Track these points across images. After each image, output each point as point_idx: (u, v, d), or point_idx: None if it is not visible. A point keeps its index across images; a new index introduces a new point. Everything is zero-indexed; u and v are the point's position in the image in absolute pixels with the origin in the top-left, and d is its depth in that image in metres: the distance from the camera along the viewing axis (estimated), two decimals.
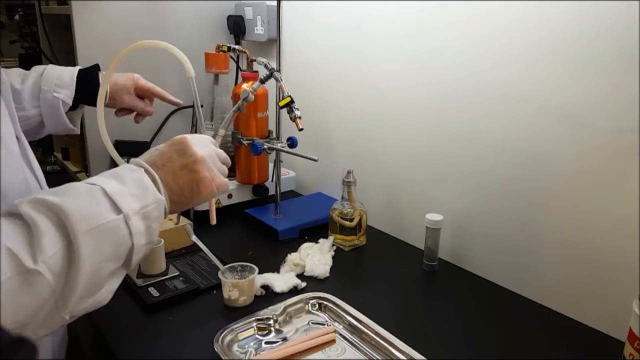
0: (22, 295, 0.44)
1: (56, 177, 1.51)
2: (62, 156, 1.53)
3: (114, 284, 0.54)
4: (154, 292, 0.83)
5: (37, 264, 0.45)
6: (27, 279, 0.44)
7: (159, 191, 0.58)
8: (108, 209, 0.51)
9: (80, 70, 0.93)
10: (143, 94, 0.97)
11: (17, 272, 0.44)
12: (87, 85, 0.91)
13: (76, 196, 0.50)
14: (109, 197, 0.52)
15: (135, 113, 0.97)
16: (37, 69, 0.91)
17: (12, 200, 0.53)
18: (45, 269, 0.45)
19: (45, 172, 1.55)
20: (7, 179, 0.55)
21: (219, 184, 0.64)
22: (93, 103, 0.92)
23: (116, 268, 0.53)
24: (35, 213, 0.47)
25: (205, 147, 0.65)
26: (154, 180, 0.58)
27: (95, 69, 0.94)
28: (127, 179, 0.55)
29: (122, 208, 0.52)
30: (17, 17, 1.78)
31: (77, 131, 0.97)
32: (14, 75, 0.89)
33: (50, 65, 0.92)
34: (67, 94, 0.89)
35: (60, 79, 0.89)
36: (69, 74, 0.91)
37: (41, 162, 1.54)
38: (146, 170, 0.58)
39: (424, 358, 0.67)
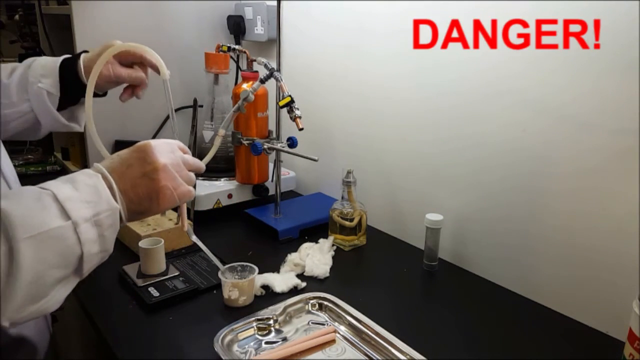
0: None
1: (56, 177, 1.51)
2: (62, 156, 1.53)
3: (62, 292, 0.52)
4: (154, 292, 0.83)
5: None
6: None
7: (115, 199, 0.56)
8: (56, 215, 0.50)
9: (65, 59, 0.83)
10: (126, 61, 0.82)
11: None
12: (73, 74, 0.81)
13: (24, 201, 0.49)
14: (59, 203, 0.50)
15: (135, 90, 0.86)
16: (27, 61, 0.84)
17: None
18: None
19: (45, 172, 1.53)
20: None
21: (182, 193, 0.62)
22: (80, 94, 0.84)
23: (64, 276, 0.52)
24: None
25: (169, 154, 0.62)
26: (110, 187, 0.56)
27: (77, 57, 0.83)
28: (82, 185, 0.54)
29: (72, 215, 0.50)
30: (17, 17, 1.78)
31: (77, 128, 0.89)
32: (4, 69, 0.83)
33: (41, 57, 0.85)
34: (50, 83, 0.80)
35: (44, 68, 0.81)
36: (53, 62, 0.82)
37: (41, 162, 1.54)
38: (104, 177, 0.56)
39: (424, 358, 0.67)
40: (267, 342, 0.73)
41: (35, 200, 0.50)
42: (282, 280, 0.87)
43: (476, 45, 0.89)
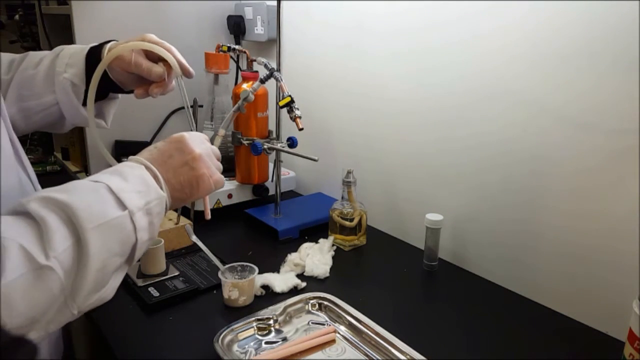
0: (35, 292, 0.45)
1: (56, 177, 1.51)
2: (62, 156, 1.53)
3: (117, 279, 0.55)
4: (154, 292, 0.83)
5: (49, 260, 0.45)
6: (40, 275, 0.45)
7: (161, 188, 0.59)
8: (114, 205, 0.52)
9: (93, 47, 0.76)
10: (153, 54, 0.75)
11: (30, 268, 0.44)
12: (98, 64, 0.72)
13: (83, 194, 0.51)
14: (114, 194, 0.53)
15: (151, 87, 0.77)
16: (57, 49, 0.79)
17: (8, 201, 0.53)
18: (57, 265, 0.46)
19: (45, 172, 1.53)
20: (2, 180, 0.55)
21: (216, 180, 0.66)
22: (107, 88, 0.78)
23: (121, 264, 0.54)
24: (44, 211, 0.47)
25: (201, 144, 0.66)
26: (155, 177, 0.59)
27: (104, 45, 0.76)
28: (130, 176, 0.56)
29: (127, 204, 0.53)
30: (17, 17, 1.78)
31: (103, 125, 0.83)
32: (31, 59, 0.78)
33: (72, 45, 0.80)
34: (75, 73, 0.75)
35: (72, 57, 0.76)
36: (81, 50, 0.77)
37: (41, 162, 1.55)
38: (147, 167, 0.59)
39: (424, 358, 0.67)
40: (267, 342, 0.73)
41: (93, 192, 0.52)
42: (282, 280, 0.87)
43: (477, 46, 0.89)
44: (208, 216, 0.76)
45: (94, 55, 0.76)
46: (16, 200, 0.51)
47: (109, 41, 0.77)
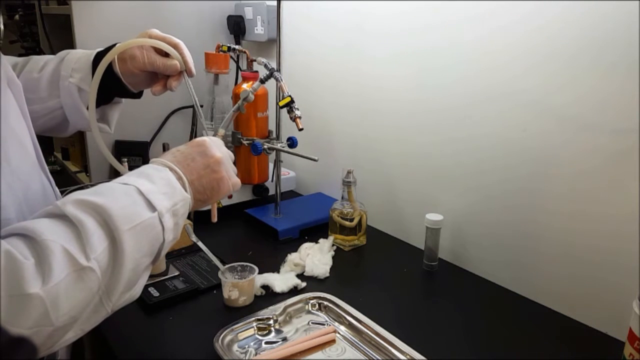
0: (77, 292, 0.47)
1: (56, 177, 1.51)
2: (62, 156, 1.53)
3: (145, 278, 0.56)
4: (154, 292, 0.83)
5: (89, 262, 0.47)
6: (81, 275, 0.47)
7: (185, 189, 0.60)
8: (144, 207, 0.54)
9: (100, 52, 0.77)
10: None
11: (73, 269, 0.46)
12: (107, 68, 0.71)
13: (115, 196, 0.53)
14: (143, 196, 0.54)
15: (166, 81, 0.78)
16: (61, 54, 0.79)
17: (33, 206, 0.55)
18: (96, 265, 0.48)
19: None
20: (28, 185, 0.56)
21: (234, 182, 0.69)
22: (117, 92, 0.79)
23: (149, 263, 0.56)
24: (81, 214, 0.49)
25: (220, 148, 0.68)
26: (180, 179, 0.61)
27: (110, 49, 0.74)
28: (156, 178, 0.58)
29: (156, 206, 0.55)
30: (17, 17, 1.78)
31: (106, 129, 0.83)
32: (35, 63, 0.79)
33: (76, 50, 0.80)
34: (81, 78, 0.76)
35: (78, 62, 0.77)
36: (87, 55, 0.77)
37: None
38: (171, 170, 0.61)
39: (424, 358, 0.67)
40: (267, 342, 0.73)
41: (125, 195, 0.54)
42: (282, 280, 0.87)
43: (477, 46, 0.89)
44: (214, 219, 0.78)
45: (100, 60, 0.73)
46: (40, 205, 0.53)
47: (115, 44, 0.76)
